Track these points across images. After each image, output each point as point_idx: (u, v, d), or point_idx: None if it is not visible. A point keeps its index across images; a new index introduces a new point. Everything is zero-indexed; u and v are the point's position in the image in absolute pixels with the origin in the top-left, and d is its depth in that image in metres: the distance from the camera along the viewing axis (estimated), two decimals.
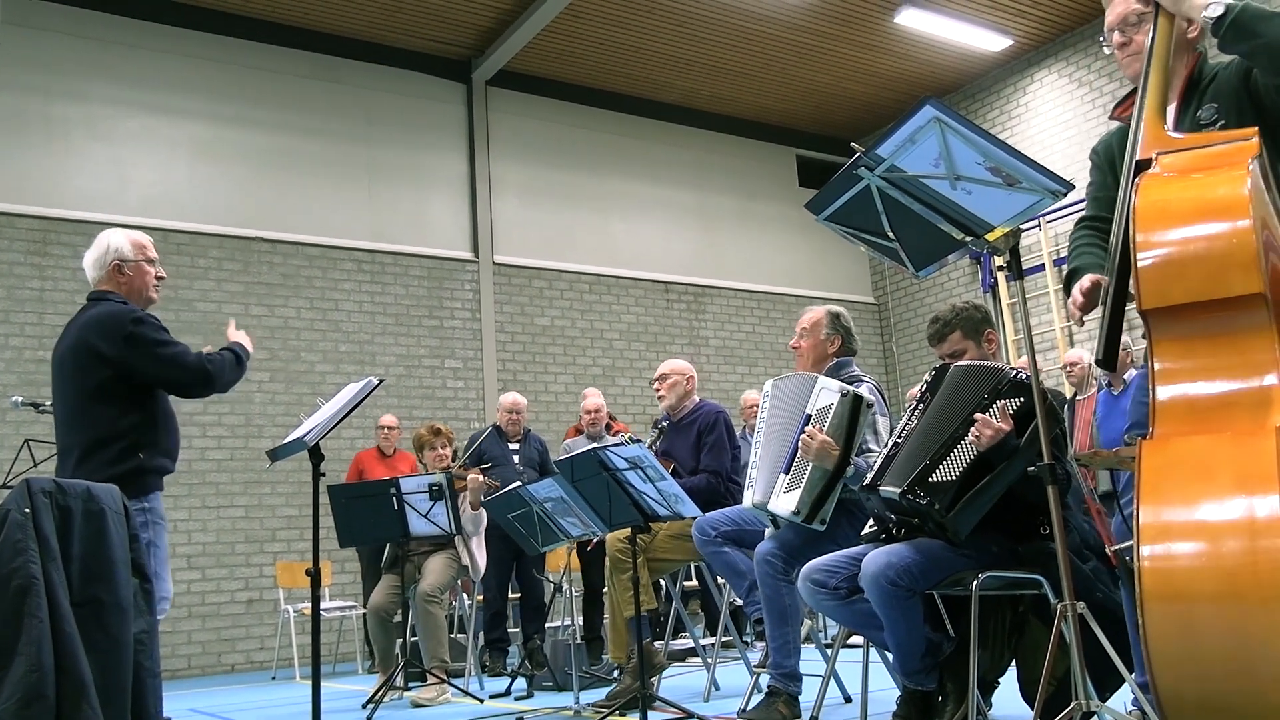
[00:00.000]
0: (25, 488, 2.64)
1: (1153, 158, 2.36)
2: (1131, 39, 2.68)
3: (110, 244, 3.70)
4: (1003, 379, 3.18)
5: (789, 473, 3.79)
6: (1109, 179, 2.83)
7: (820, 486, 3.72)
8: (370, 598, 6.01)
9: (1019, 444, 3.06)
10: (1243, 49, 2.43)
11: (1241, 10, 2.38)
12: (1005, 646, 3.45)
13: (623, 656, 4.78)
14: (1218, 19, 2.39)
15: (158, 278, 3.80)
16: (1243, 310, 2.11)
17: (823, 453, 3.69)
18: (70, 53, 8.85)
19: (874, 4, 10.19)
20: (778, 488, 3.80)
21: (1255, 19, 2.36)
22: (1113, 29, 2.73)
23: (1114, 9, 2.73)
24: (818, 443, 3.69)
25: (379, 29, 10.09)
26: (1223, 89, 2.58)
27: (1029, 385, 3.11)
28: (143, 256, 3.74)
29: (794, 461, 3.79)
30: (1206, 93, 2.61)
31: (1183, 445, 2.11)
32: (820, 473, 3.72)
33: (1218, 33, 2.41)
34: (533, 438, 7.23)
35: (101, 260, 3.68)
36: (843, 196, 2.63)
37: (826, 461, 3.70)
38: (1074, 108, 10.94)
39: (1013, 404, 3.10)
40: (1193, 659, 1.97)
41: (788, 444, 3.85)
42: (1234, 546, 1.95)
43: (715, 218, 12.20)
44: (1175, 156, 2.34)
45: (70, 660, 2.54)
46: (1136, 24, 2.66)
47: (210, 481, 8.66)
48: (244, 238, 9.32)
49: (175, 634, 8.24)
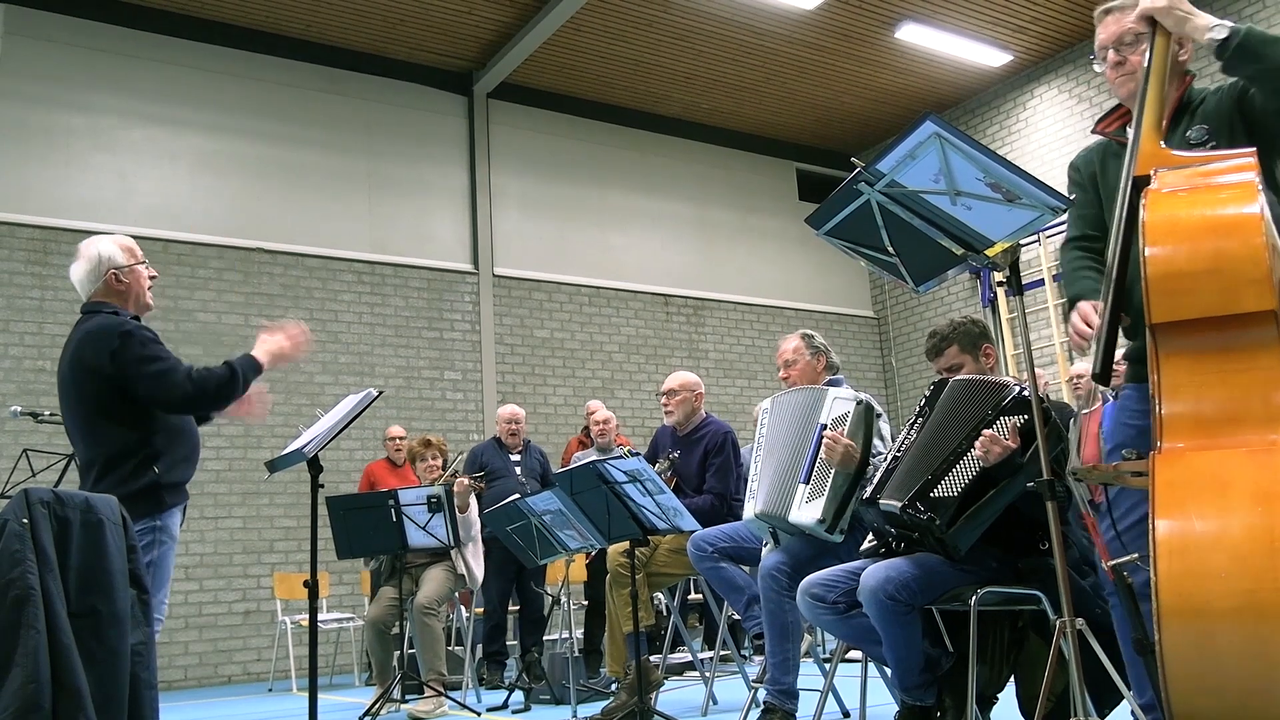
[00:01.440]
0: (24, 498, 2.63)
1: (1151, 174, 2.34)
2: (1127, 58, 2.67)
3: (101, 254, 3.53)
4: (1006, 395, 3.18)
5: (809, 482, 3.76)
6: (1091, 196, 2.82)
7: (843, 492, 3.72)
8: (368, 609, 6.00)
9: (1023, 461, 3.06)
10: (1248, 72, 2.43)
11: (1247, 34, 2.38)
12: (1004, 662, 3.45)
13: (621, 671, 4.77)
14: (1222, 41, 2.39)
15: (151, 278, 3.64)
16: (1253, 327, 2.10)
17: (848, 457, 3.69)
18: (73, 63, 8.87)
19: (875, 19, 10.23)
20: (798, 499, 3.77)
21: (1261, 42, 2.37)
22: (1106, 47, 2.72)
23: (1106, 28, 2.72)
24: (843, 446, 3.69)
25: (381, 41, 10.13)
26: (1213, 111, 2.59)
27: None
28: (135, 260, 3.58)
29: (814, 471, 3.77)
30: (1196, 114, 2.62)
31: (1197, 459, 2.09)
32: (844, 478, 3.72)
33: (1222, 55, 2.41)
34: (534, 449, 7.24)
35: (96, 272, 3.52)
36: (843, 211, 2.64)
37: (850, 466, 3.70)
38: (1074, 123, 10.97)
39: (1019, 420, 3.10)
40: (1210, 675, 1.94)
41: (803, 455, 3.83)
42: (1254, 562, 1.93)
43: (715, 231, 12.22)
44: (1176, 173, 2.32)
45: (67, 672, 2.53)
46: (1132, 44, 2.66)
47: (208, 492, 8.64)
48: (244, 248, 9.33)
49: (172, 645, 8.22)
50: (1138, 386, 2.61)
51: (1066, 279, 2.83)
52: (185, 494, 3.50)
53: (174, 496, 3.43)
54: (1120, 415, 2.72)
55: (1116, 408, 2.77)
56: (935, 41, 10.63)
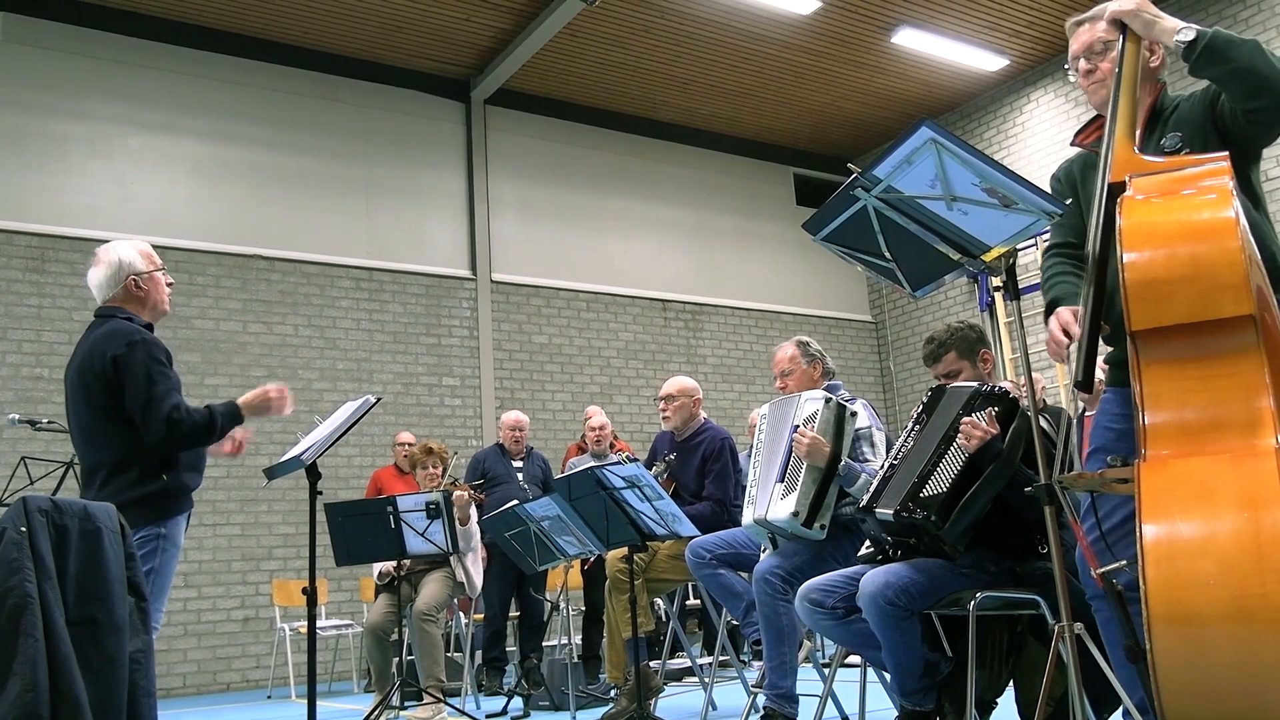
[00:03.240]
0: (22, 506, 2.63)
1: (1126, 180, 2.35)
2: (1097, 66, 2.69)
3: (121, 259, 3.54)
4: (976, 391, 3.26)
5: (784, 480, 3.87)
6: (1073, 205, 2.84)
7: (816, 485, 3.79)
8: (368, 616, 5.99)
9: (1003, 447, 3.12)
10: (1214, 74, 2.44)
11: (1213, 36, 2.40)
12: (1003, 666, 3.45)
13: (620, 677, 4.77)
14: (1189, 43, 2.41)
15: (168, 285, 3.66)
16: (1233, 332, 2.10)
17: (814, 449, 3.78)
18: (70, 71, 8.88)
19: (871, 24, 10.25)
20: (774, 496, 3.87)
21: (1227, 44, 2.39)
22: (1078, 57, 2.74)
23: (1078, 38, 2.74)
24: (808, 439, 3.79)
25: (378, 48, 10.14)
26: (1186, 118, 2.60)
27: (1003, 395, 3.21)
28: (154, 266, 3.60)
29: (788, 467, 3.88)
30: (1169, 122, 2.63)
31: (1181, 467, 2.10)
32: (815, 472, 3.79)
33: (1189, 58, 2.42)
34: (535, 455, 7.25)
35: (115, 277, 3.53)
36: (840, 217, 2.64)
37: (818, 459, 3.78)
38: (1070, 128, 10.97)
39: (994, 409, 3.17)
40: (1202, 682, 1.95)
41: (778, 455, 3.94)
42: (1241, 569, 1.93)
43: (713, 236, 12.23)
44: (1150, 179, 2.33)
45: (65, 680, 2.53)
46: (1102, 52, 2.68)
47: (206, 499, 8.63)
48: (242, 255, 9.33)
49: (171, 652, 8.20)
50: (1118, 390, 2.62)
51: (1045, 284, 2.84)
52: (191, 501, 3.51)
53: (180, 504, 3.44)
54: (1100, 419, 2.73)
55: (1097, 412, 2.79)
56: (932, 46, 10.65)
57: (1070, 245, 2.83)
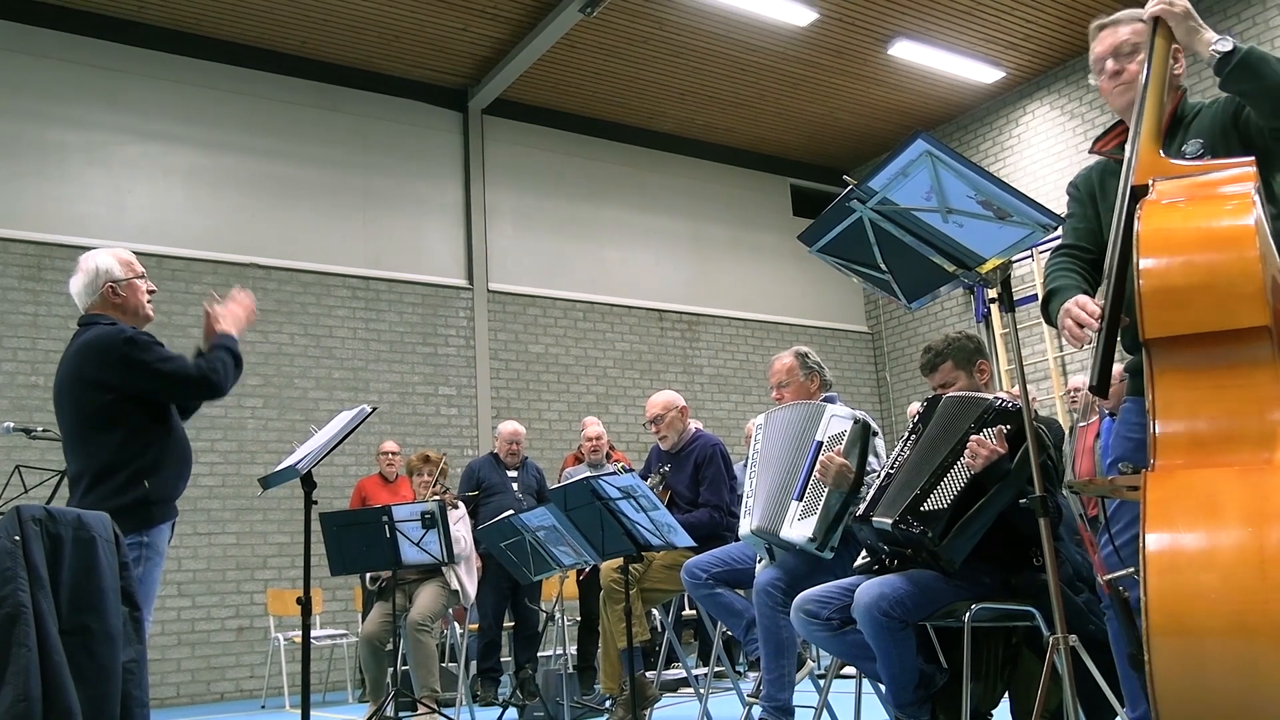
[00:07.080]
0: (15, 515, 2.62)
1: (1149, 183, 2.31)
2: (1124, 68, 2.67)
3: (98, 266, 3.54)
4: (989, 407, 3.20)
5: (802, 499, 3.75)
6: (1089, 211, 2.81)
7: (836, 511, 3.71)
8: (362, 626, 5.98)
9: (1010, 468, 3.08)
10: (1245, 89, 2.43)
11: (1249, 51, 2.39)
12: (998, 678, 3.44)
13: (615, 688, 4.75)
14: (1225, 54, 2.39)
15: (149, 292, 3.64)
16: (1248, 343, 2.06)
17: (842, 476, 3.69)
18: (67, 79, 8.88)
19: (868, 35, 10.28)
20: (790, 515, 3.76)
21: (1261, 61, 2.38)
22: (1104, 58, 2.71)
23: (1103, 40, 2.73)
24: (837, 465, 3.68)
25: (376, 58, 10.15)
26: (1207, 125, 2.59)
27: (1017, 412, 3.15)
28: (133, 274, 3.58)
29: (807, 488, 3.76)
30: (1190, 128, 2.62)
31: (1189, 478, 2.06)
32: (837, 497, 3.70)
33: (1222, 70, 2.41)
34: (530, 465, 7.24)
35: (93, 285, 3.53)
36: (835, 229, 2.65)
37: (844, 485, 3.70)
38: (1066, 139, 11.03)
39: (1004, 428, 3.13)
40: (1199, 695, 1.93)
41: (798, 471, 3.82)
42: (1244, 583, 1.90)
43: (709, 246, 12.25)
44: (1174, 183, 2.29)
45: (58, 689, 2.52)
46: (1130, 54, 2.66)
47: (201, 508, 8.61)
48: (239, 264, 9.32)
49: (164, 662, 8.17)
50: (1136, 400, 2.59)
51: (1047, 279, 2.79)
52: (175, 510, 3.48)
53: (163, 512, 3.42)
54: (1120, 429, 2.71)
55: (1117, 421, 2.77)
56: (928, 58, 10.68)
57: (1080, 249, 2.80)
